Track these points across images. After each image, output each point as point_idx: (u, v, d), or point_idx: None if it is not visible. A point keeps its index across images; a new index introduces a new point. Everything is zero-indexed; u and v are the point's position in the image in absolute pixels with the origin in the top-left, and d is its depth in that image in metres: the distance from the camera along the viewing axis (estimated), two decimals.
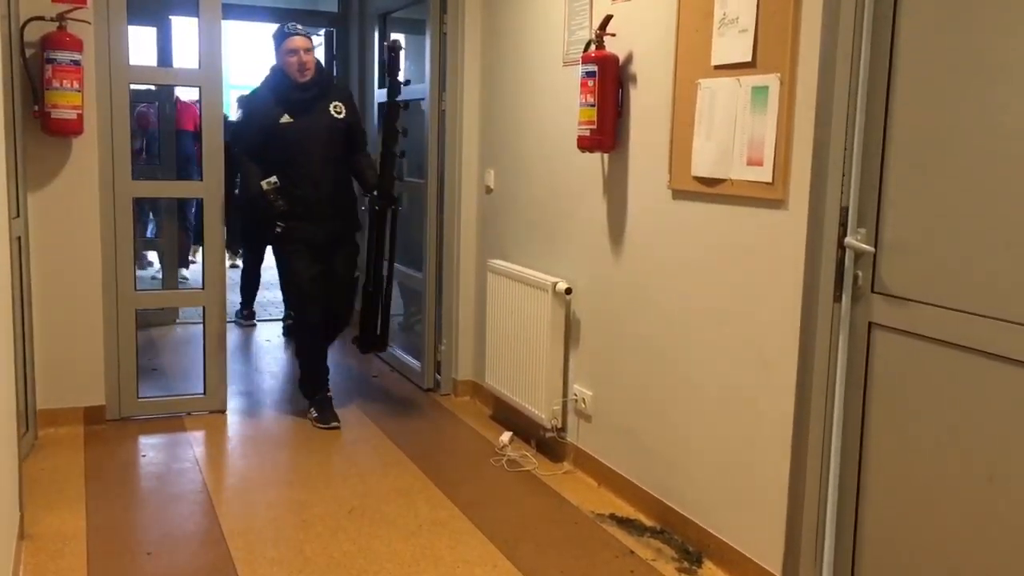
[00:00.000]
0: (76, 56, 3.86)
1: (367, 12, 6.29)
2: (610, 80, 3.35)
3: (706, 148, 2.95)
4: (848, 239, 2.45)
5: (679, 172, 3.10)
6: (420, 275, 5.00)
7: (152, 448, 4.04)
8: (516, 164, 4.28)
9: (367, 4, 6.30)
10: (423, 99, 4.80)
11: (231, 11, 5.92)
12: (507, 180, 4.40)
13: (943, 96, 2.22)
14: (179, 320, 6.39)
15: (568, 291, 3.77)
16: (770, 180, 2.69)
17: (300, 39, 4.12)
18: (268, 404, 4.80)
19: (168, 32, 6.25)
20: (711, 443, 3.03)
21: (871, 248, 2.41)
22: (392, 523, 3.30)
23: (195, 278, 7.47)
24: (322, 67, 4.25)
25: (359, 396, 4.81)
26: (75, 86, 3.86)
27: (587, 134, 3.41)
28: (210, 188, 4.35)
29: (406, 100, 4.24)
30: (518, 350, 4.07)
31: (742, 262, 2.86)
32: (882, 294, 2.40)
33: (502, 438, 4.09)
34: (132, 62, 4.20)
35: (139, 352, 4.44)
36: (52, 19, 3.85)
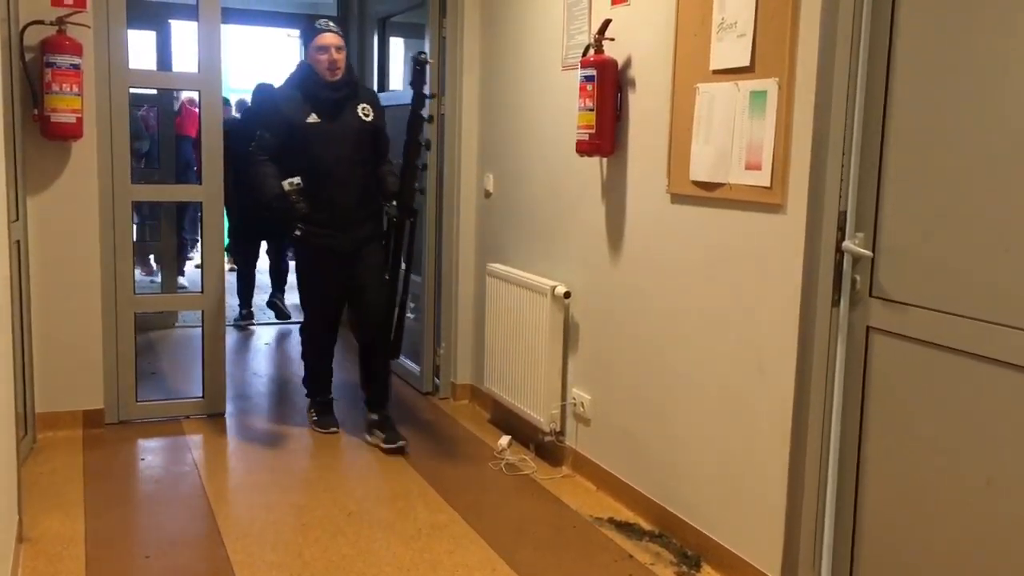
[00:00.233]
0: (76, 60, 3.87)
1: (366, 16, 6.30)
2: (609, 84, 3.35)
3: (705, 152, 2.96)
4: (846, 243, 2.46)
5: (678, 176, 3.10)
6: (419, 279, 5.01)
7: (151, 452, 4.04)
8: (515, 168, 4.29)
9: (366, 8, 6.31)
10: None
11: (230, 15, 5.93)
12: (506, 184, 4.41)
13: (941, 100, 2.23)
14: (178, 324, 6.40)
15: (567, 295, 3.77)
16: (768, 184, 2.69)
17: (332, 36, 3.96)
18: (267, 408, 4.81)
19: (167, 36, 6.26)
20: (709, 447, 3.03)
21: (869, 252, 2.41)
22: (391, 527, 3.30)
23: (192, 284, 7.47)
24: (352, 67, 4.09)
25: (357, 399, 4.81)
26: (75, 90, 3.86)
27: (586, 138, 3.42)
28: (210, 192, 4.36)
29: (431, 115, 4.08)
30: (517, 354, 4.07)
31: (740, 266, 2.86)
32: (880, 298, 2.40)
33: (501, 442, 4.09)
34: (132, 66, 4.21)
35: (138, 356, 4.44)
36: (52, 23, 3.86)
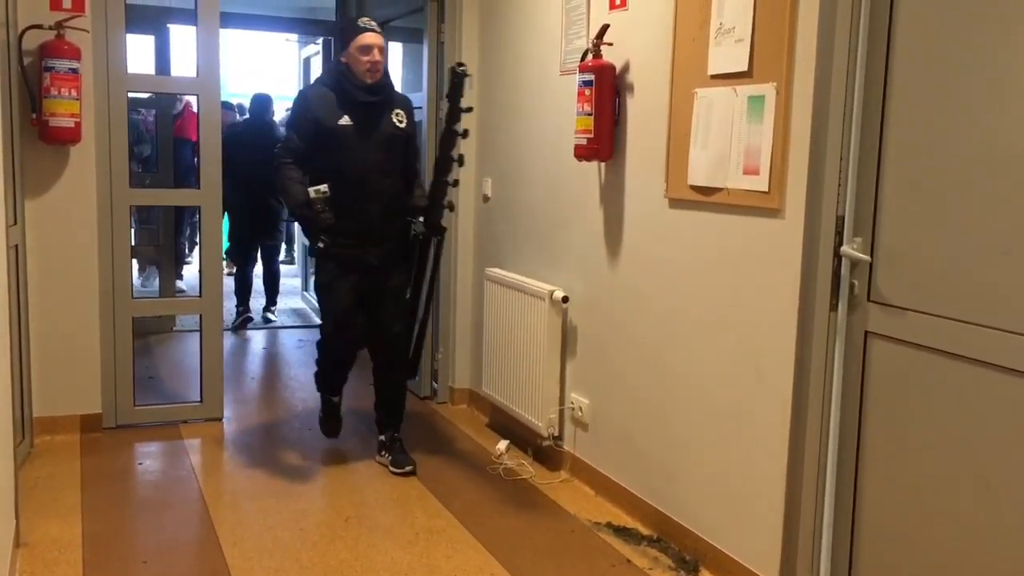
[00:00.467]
0: (74, 64, 3.87)
1: None
2: (607, 89, 3.36)
3: (703, 157, 2.96)
4: (844, 248, 2.46)
5: (676, 181, 3.11)
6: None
7: (148, 456, 4.03)
8: (513, 173, 4.29)
9: (365, 13, 6.30)
10: (420, 107, 4.81)
11: (229, 20, 5.92)
12: (504, 189, 4.41)
13: (939, 106, 2.24)
14: (176, 328, 6.39)
15: (565, 299, 3.77)
16: (766, 189, 2.69)
17: (376, 36, 3.67)
18: (265, 412, 4.80)
19: (166, 40, 6.26)
20: (708, 452, 3.03)
21: (867, 257, 2.41)
22: (389, 532, 3.30)
23: (191, 288, 7.46)
24: (387, 71, 3.80)
25: (354, 404, 4.80)
26: (73, 94, 3.87)
27: (584, 143, 3.42)
28: (208, 196, 4.36)
29: (465, 129, 3.86)
30: (515, 358, 4.07)
31: (739, 271, 2.86)
32: (878, 303, 2.41)
33: (499, 446, 4.09)
34: (130, 70, 4.21)
35: (136, 360, 4.43)
36: (50, 27, 3.86)
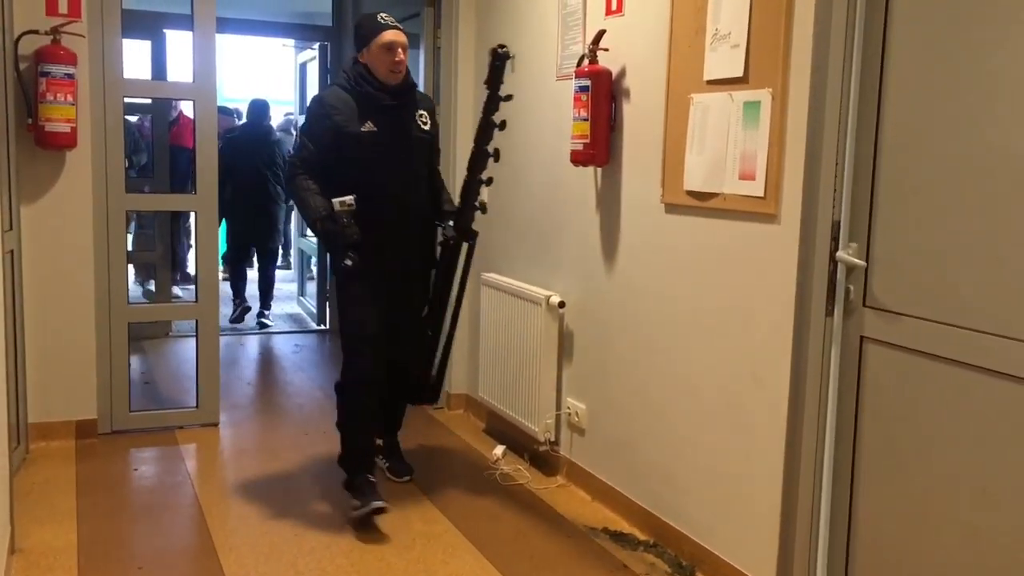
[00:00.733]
0: (70, 69, 3.87)
1: None
2: (603, 94, 3.36)
3: (699, 162, 2.96)
4: (840, 253, 2.46)
5: (672, 186, 3.11)
6: None
7: (144, 462, 4.02)
8: (510, 178, 4.29)
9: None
10: None
11: (226, 25, 5.94)
12: (501, 194, 4.40)
13: (934, 111, 2.24)
14: (172, 333, 6.38)
15: (561, 304, 3.77)
16: (762, 194, 2.70)
17: (398, 33, 3.39)
18: (261, 417, 4.79)
19: (163, 46, 6.27)
20: (704, 457, 3.03)
21: (863, 262, 2.42)
22: (385, 537, 3.29)
23: (186, 293, 7.45)
24: (409, 69, 3.53)
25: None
26: (69, 99, 3.86)
27: (580, 148, 3.43)
28: (204, 201, 4.36)
29: (503, 120, 3.55)
30: (511, 363, 4.07)
31: (734, 276, 2.86)
32: (874, 308, 2.41)
33: (495, 452, 4.09)
34: (126, 75, 4.21)
35: (131, 365, 4.43)
36: (46, 32, 3.85)
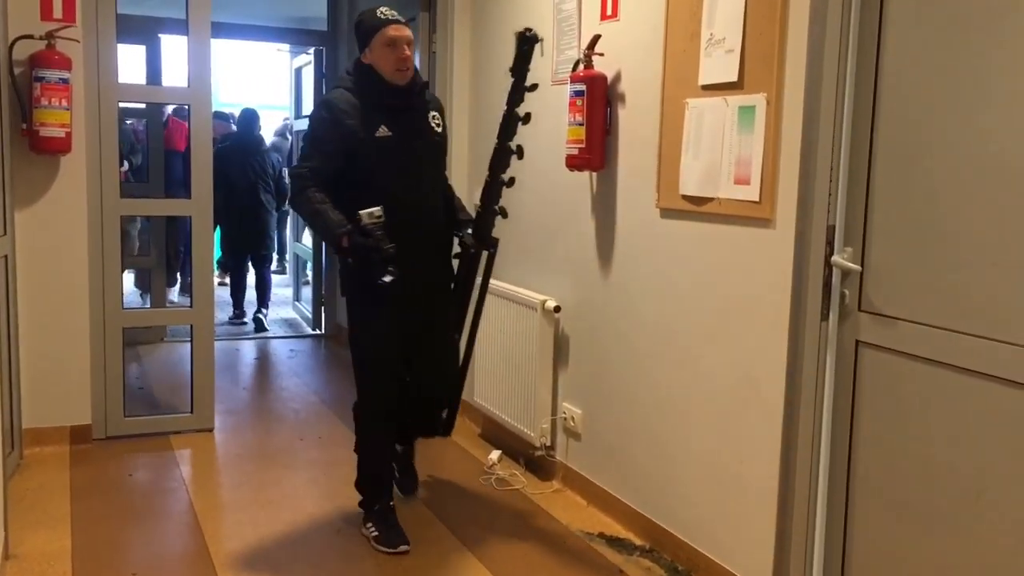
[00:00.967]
0: (65, 74, 3.86)
1: None
2: (598, 99, 3.37)
3: (694, 167, 2.97)
4: (835, 258, 2.46)
5: (667, 191, 3.11)
6: None
7: (139, 467, 4.01)
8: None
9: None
10: None
11: (221, 30, 5.93)
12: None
13: (929, 115, 2.24)
14: (166, 338, 6.37)
15: (557, 309, 3.77)
16: (757, 199, 2.70)
17: (401, 27, 3.13)
18: (256, 423, 4.78)
19: (157, 50, 6.26)
20: (700, 461, 3.03)
21: (858, 267, 2.42)
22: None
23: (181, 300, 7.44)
24: (417, 68, 3.29)
25: (346, 414, 4.78)
26: (63, 104, 3.86)
27: (576, 153, 3.43)
28: (199, 206, 4.35)
29: (527, 113, 3.29)
30: (507, 368, 4.06)
31: (730, 280, 2.87)
32: (869, 312, 2.41)
33: (491, 456, 4.09)
34: (121, 80, 4.21)
35: (126, 371, 4.42)
36: (41, 37, 3.85)
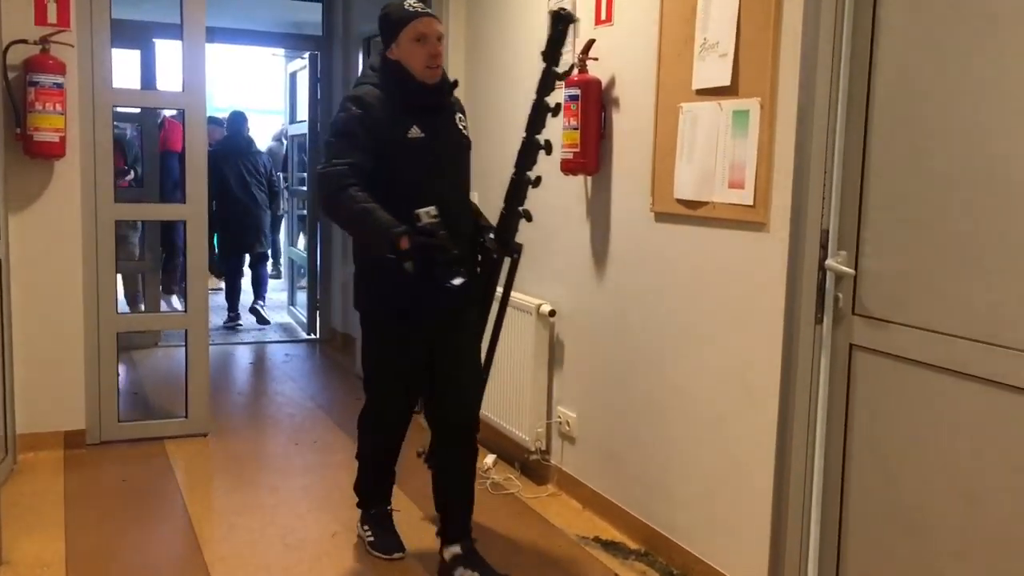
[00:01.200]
0: (59, 79, 3.86)
1: (351, 35, 6.32)
2: (593, 103, 3.37)
3: (688, 171, 2.97)
4: (829, 262, 2.47)
5: (661, 195, 3.12)
6: None
7: (133, 473, 3.99)
8: (499, 187, 4.27)
9: (351, 27, 6.33)
10: None
11: (215, 34, 5.93)
12: (490, 202, 4.40)
13: (923, 120, 2.25)
14: (161, 343, 6.35)
15: (552, 313, 3.77)
16: (751, 203, 2.71)
17: (430, 21, 2.86)
18: (250, 427, 4.77)
19: (152, 55, 6.26)
20: (695, 465, 3.03)
21: (851, 271, 2.43)
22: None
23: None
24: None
25: (341, 418, 4.79)
26: (58, 109, 3.86)
27: (570, 157, 3.43)
28: (194, 210, 4.35)
29: (557, 103, 3.05)
30: (502, 372, 4.05)
31: (724, 284, 2.87)
32: (863, 316, 2.42)
33: (486, 461, 4.08)
34: (115, 85, 4.21)
35: (120, 375, 4.40)
36: (35, 42, 3.85)
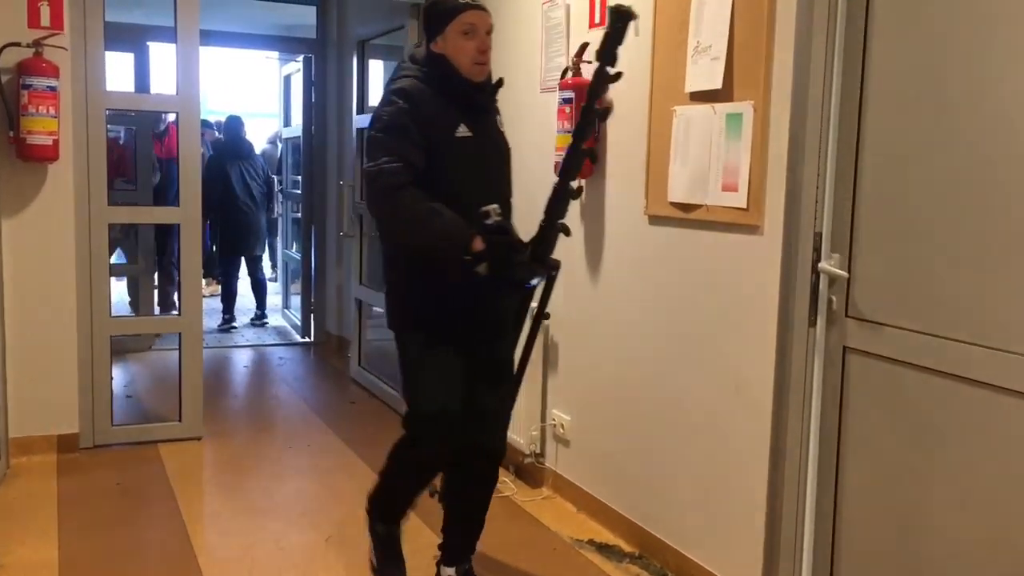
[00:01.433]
0: (52, 82, 3.85)
1: (345, 39, 6.31)
2: None
3: (682, 174, 2.98)
4: (822, 264, 2.47)
5: (655, 197, 3.12)
6: None
7: (126, 476, 3.98)
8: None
9: (345, 31, 6.33)
10: None
11: (209, 37, 5.93)
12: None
13: (916, 122, 2.26)
14: (155, 346, 6.34)
15: (546, 316, 3.76)
16: (745, 206, 2.71)
17: (480, 13, 2.64)
18: (244, 431, 4.76)
19: (145, 58, 6.26)
20: (689, 467, 3.03)
21: (845, 273, 2.43)
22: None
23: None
24: None
25: (336, 422, 4.78)
26: (51, 112, 3.85)
27: None
28: (188, 214, 4.34)
29: (605, 108, 2.93)
30: None
31: (718, 286, 2.88)
32: (856, 318, 2.42)
33: None
34: (109, 88, 4.20)
35: (113, 379, 4.39)
36: (28, 45, 3.84)
